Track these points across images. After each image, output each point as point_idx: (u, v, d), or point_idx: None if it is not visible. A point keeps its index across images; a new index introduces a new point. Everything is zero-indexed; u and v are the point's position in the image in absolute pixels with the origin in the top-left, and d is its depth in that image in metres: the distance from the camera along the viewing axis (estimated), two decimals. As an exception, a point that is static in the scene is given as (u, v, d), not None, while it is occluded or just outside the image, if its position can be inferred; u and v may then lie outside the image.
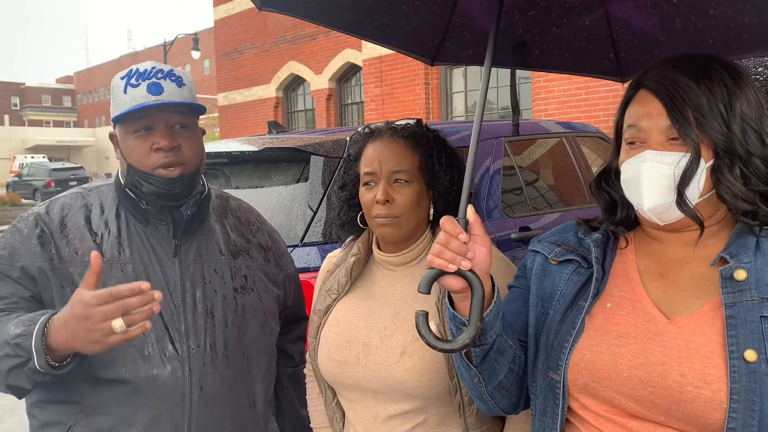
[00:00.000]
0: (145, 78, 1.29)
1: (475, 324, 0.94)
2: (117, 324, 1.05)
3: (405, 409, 1.30)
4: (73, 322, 1.08)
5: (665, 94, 0.96)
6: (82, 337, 1.07)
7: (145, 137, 1.30)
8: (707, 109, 0.94)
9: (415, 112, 10.56)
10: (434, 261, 0.95)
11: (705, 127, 0.94)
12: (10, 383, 1.19)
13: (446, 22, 1.57)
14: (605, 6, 1.45)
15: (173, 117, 1.31)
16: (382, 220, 1.33)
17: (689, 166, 0.93)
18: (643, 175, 0.96)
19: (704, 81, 0.95)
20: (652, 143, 0.97)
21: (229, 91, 16.16)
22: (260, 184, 2.75)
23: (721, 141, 0.94)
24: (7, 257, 1.28)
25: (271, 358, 1.50)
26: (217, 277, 1.39)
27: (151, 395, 1.27)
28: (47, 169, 26.83)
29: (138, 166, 1.31)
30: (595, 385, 0.97)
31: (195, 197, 1.39)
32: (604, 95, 7.82)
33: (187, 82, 1.35)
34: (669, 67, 0.99)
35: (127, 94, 1.29)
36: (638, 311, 0.98)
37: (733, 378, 0.86)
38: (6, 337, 1.15)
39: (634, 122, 0.99)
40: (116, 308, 1.05)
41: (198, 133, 1.39)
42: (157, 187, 1.31)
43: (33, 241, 1.29)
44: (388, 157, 1.33)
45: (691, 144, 0.93)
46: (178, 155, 1.31)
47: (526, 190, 3.54)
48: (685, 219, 0.96)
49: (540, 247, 1.15)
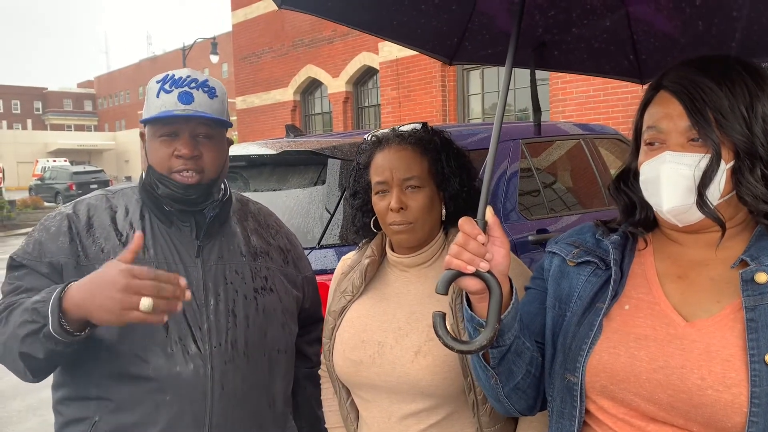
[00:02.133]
0: (179, 86, 1.33)
1: (492, 325, 0.94)
2: (146, 302, 1.06)
3: (419, 409, 1.31)
4: (98, 284, 1.10)
5: (685, 95, 0.95)
6: (101, 303, 1.09)
7: (169, 143, 1.34)
8: (728, 110, 0.93)
9: (432, 115, 10.56)
10: (452, 262, 0.95)
11: (726, 128, 0.93)
12: (24, 350, 1.20)
13: (466, 22, 1.56)
14: (626, 7, 1.44)
15: (199, 127, 1.35)
16: (398, 227, 1.35)
17: (709, 167, 0.92)
18: (663, 176, 0.95)
19: (725, 82, 0.95)
20: (671, 144, 0.96)
21: (248, 94, 16.29)
22: (278, 187, 2.77)
23: (742, 142, 0.93)
24: (36, 254, 1.32)
25: (291, 358, 1.52)
26: (239, 277, 1.41)
27: (174, 392, 1.29)
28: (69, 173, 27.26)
29: (157, 168, 1.35)
30: (613, 387, 0.97)
31: (217, 200, 1.42)
32: (622, 97, 7.75)
33: (220, 93, 1.38)
34: (689, 68, 0.98)
35: (159, 98, 1.33)
36: (657, 314, 0.97)
37: (754, 382, 0.85)
38: (27, 304, 1.19)
39: (653, 123, 0.99)
40: (152, 287, 1.07)
41: (223, 143, 1.42)
42: (172, 191, 1.34)
43: (61, 238, 1.33)
44: (399, 165, 1.35)
45: (711, 145, 0.92)
46: (197, 163, 1.34)
47: (544, 192, 3.52)
48: (705, 220, 0.95)
49: (557, 248, 1.14)
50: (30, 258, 1.32)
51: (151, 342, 1.28)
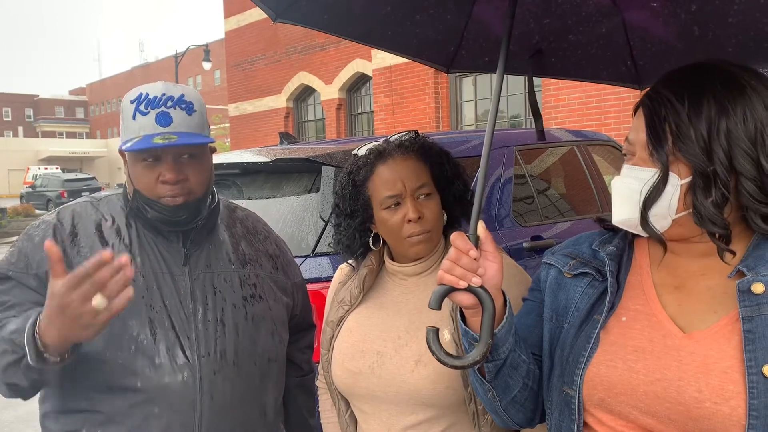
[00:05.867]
0: (155, 106, 1.28)
1: (486, 340, 0.94)
2: (97, 302, 1.03)
3: (419, 420, 1.30)
4: (56, 316, 1.07)
5: (649, 108, 0.96)
6: (71, 327, 1.06)
7: (152, 167, 1.30)
8: (687, 126, 0.91)
9: (425, 122, 10.58)
10: (445, 277, 0.95)
11: (681, 145, 0.91)
12: (7, 381, 1.19)
13: (462, 30, 1.56)
14: (622, 14, 1.45)
15: (182, 149, 1.31)
16: (417, 238, 1.33)
17: (656, 185, 0.93)
18: (614, 189, 0.98)
19: (693, 96, 0.93)
20: (635, 158, 0.97)
21: (240, 101, 16.28)
22: (272, 194, 2.76)
23: (697, 161, 0.91)
24: (22, 265, 1.29)
25: (281, 366, 1.51)
26: (227, 285, 1.40)
27: (163, 403, 1.27)
28: (60, 180, 27.17)
29: (144, 192, 1.32)
30: (610, 400, 0.96)
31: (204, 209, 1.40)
32: (615, 103, 7.80)
33: (198, 106, 1.33)
34: (664, 80, 0.98)
35: (136, 121, 1.28)
36: (654, 325, 0.97)
37: (752, 394, 0.85)
38: (4, 333, 1.17)
39: (628, 134, 1.00)
40: (90, 287, 1.02)
41: (207, 158, 1.38)
42: (161, 214, 1.32)
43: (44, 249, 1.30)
44: (408, 175, 1.34)
45: (660, 162, 0.93)
46: (184, 187, 1.31)
47: (538, 199, 3.52)
48: (687, 230, 0.95)
49: (554, 260, 1.14)
50: (16, 270, 1.29)
51: (138, 353, 1.26)
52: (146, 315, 1.29)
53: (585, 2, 1.42)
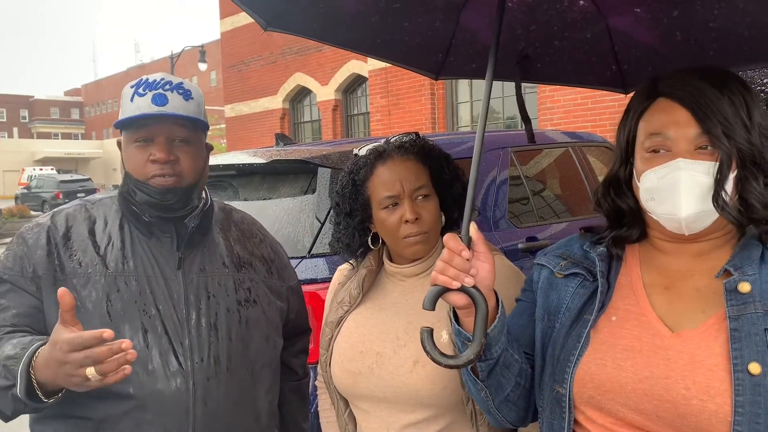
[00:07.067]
0: (153, 88, 1.29)
1: (478, 340, 0.95)
2: (89, 372, 1.02)
3: (418, 419, 1.31)
4: (53, 364, 1.06)
5: (693, 102, 0.95)
6: (64, 380, 1.06)
7: (144, 148, 1.30)
8: (732, 118, 0.94)
9: (421, 123, 10.59)
10: (438, 278, 0.97)
11: (731, 136, 0.93)
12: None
13: (449, 38, 1.58)
14: (606, 20, 1.47)
15: (175, 130, 1.31)
16: (414, 239, 1.34)
17: (722, 174, 0.93)
18: (682, 183, 0.94)
19: (726, 91, 0.95)
20: (681, 152, 0.95)
21: (236, 102, 16.27)
22: (268, 196, 2.76)
23: (747, 150, 0.93)
24: (18, 269, 1.28)
25: (275, 371, 1.49)
26: (221, 289, 1.38)
27: (156, 410, 1.26)
28: (55, 181, 27.03)
29: (134, 174, 1.32)
30: (600, 398, 0.98)
31: (198, 209, 1.38)
32: (609, 104, 7.83)
33: (196, 96, 1.34)
34: (690, 77, 0.98)
35: (133, 102, 1.29)
36: (643, 324, 0.99)
37: (738, 391, 0.87)
38: (1, 356, 1.14)
39: (657, 131, 0.98)
40: (84, 357, 1.01)
41: (201, 148, 1.38)
42: (149, 197, 1.31)
43: (39, 251, 1.29)
44: (407, 176, 1.35)
45: (723, 152, 0.93)
46: (174, 168, 1.30)
47: (533, 200, 3.54)
48: (707, 229, 0.96)
49: (546, 260, 1.15)
50: (11, 273, 1.28)
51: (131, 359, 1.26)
52: (139, 320, 1.27)
53: (570, 9, 1.44)
